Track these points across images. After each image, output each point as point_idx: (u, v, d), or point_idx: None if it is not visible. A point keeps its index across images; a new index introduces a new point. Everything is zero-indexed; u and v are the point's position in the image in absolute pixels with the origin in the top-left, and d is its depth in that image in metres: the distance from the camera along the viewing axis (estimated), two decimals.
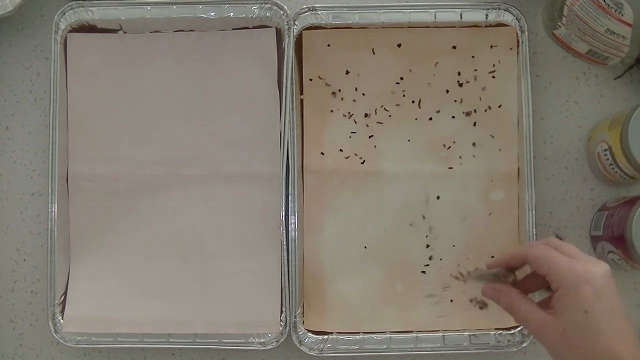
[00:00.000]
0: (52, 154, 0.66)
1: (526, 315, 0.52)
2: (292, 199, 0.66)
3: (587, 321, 0.48)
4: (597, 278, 0.49)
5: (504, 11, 0.67)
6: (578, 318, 0.48)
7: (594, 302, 0.48)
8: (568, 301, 0.49)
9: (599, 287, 0.48)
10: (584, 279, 0.48)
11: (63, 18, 0.67)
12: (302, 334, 0.65)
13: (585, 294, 0.48)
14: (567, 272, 0.49)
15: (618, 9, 0.58)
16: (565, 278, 0.49)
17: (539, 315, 0.51)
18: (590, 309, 0.48)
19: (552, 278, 0.50)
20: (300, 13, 0.67)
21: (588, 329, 0.48)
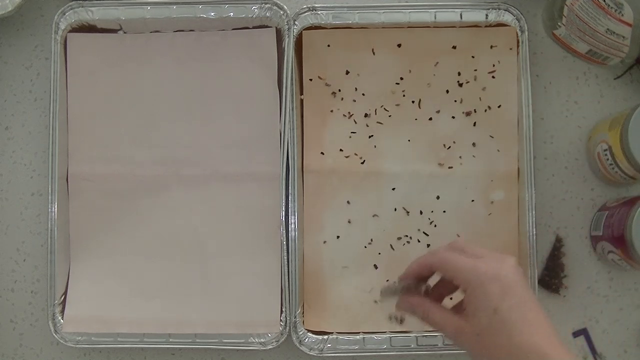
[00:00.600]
0: (52, 154, 0.66)
1: (442, 323, 0.51)
2: (292, 199, 0.66)
3: (498, 320, 0.47)
4: (502, 274, 0.48)
5: (504, 11, 0.67)
6: (488, 318, 0.48)
7: (501, 300, 0.48)
8: (477, 302, 0.48)
9: (505, 283, 0.48)
10: (488, 277, 0.48)
11: (63, 18, 0.67)
12: (302, 334, 0.65)
13: (492, 292, 0.48)
14: (472, 273, 0.49)
15: (618, 9, 0.58)
16: (471, 279, 0.49)
17: (452, 321, 0.50)
18: (499, 307, 0.47)
19: (458, 281, 0.50)
20: (300, 13, 0.67)
21: (500, 327, 0.47)
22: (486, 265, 0.49)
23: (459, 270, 0.50)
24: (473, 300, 0.49)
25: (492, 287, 0.48)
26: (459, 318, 0.50)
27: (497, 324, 0.47)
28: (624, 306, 0.67)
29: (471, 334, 0.49)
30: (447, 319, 0.51)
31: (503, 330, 0.47)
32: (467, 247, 0.52)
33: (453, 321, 0.50)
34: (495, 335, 0.48)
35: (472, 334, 0.49)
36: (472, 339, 0.49)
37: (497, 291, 0.48)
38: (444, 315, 0.51)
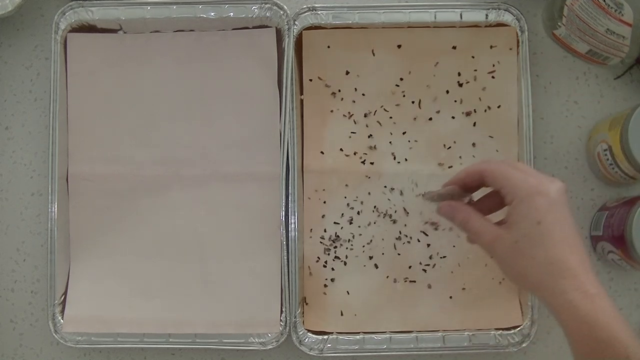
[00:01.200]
0: (52, 154, 0.66)
1: (479, 229, 0.52)
2: (292, 199, 0.66)
3: (540, 231, 0.48)
4: (551, 191, 0.49)
5: (504, 11, 0.67)
6: (531, 228, 0.49)
7: (546, 213, 0.48)
8: (521, 212, 0.49)
9: (552, 199, 0.49)
10: (538, 190, 0.49)
11: (63, 18, 0.67)
12: (302, 334, 0.65)
13: (539, 204, 0.49)
14: (521, 184, 0.50)
15: (618, 9, 0.58)
16: (520, 190, 0.49)
17: (492, 229, 0.51)
18: (543, 220, 0.48)
19: (506, 191, 0.50)
20: (300, 13, 0.67)
21: (540, 238, 0.48)
22: (536, 180, 0.50)
23: (509, 179, 0.50)
24: (518, 209, 0.49)
25: (539, 200, 0.49)
26: (499, 227, 0.51)
27: (538, 235, 0.48)
28: (624, 306, 0.67)
29: (509, 242, 0.50)
30: (487, 226, 0.52)
31: (542, 242, 0.48)
32: (519, 164, 0.53)
33: (493, 229, 0.51)
34: (534, 245, 0.49)
35: (511, 241, 0.50)
36: (508, 246, 0.50)
37: (544, 205, 0.49)
38: (484, 223, 0.52)
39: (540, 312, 0.65)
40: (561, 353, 0.67)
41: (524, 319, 0.65)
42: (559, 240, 0.48)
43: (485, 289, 0.67)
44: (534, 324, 0.65)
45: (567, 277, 0.47)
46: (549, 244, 0.48)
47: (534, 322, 0.65)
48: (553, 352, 0.67)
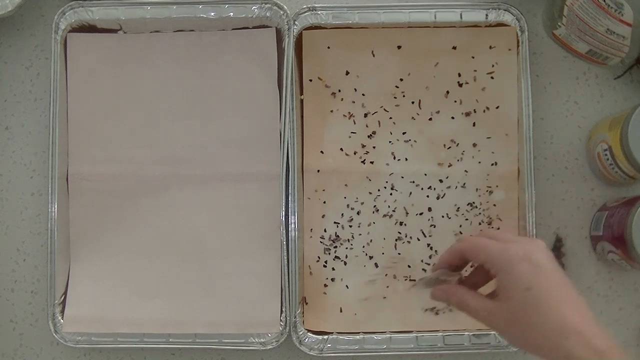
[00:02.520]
0: (52, 154, 0.66)
1: (476, 307, 0.52)
2: (292, 199, 0.66)
3: (532, 297, 0.48)
4: (532, 255, 0.49)
5: (504, 11, 0.67)
6: (521, 296, 0.48)
7: (533, 277, 0.48)
8: (509, 282, 0.49)
9: (536, 263, 0.48)
10: (519, 257, 0.49)
11: (63, 18, 0.67)
12: (302, 334, 0.65)
13: (523, 271, 0.48)
14: (502, 255, 0.49)
15: (618, 9, 0.58)
16: (501, 262, 0.49)
17: (486, 304, 0.51)
18: (532, 285, 0.48)
19: (489, 265, 0.50)
20: (300, 13, 0.67)
21: (533, 304, 0.47)
22: (516, 247, 0.49)
23: (489, 254, 0.50)
24: (505, 282, 0.49)
25: (522, 267, 0.48)
26: (493, 301, 0.50)
27: (530, 301, 0.48)
28: (624, 306, 0.67)
29: (505, 314, 0.49)
30: (481, 302, 0.51)
31: (536, 307, 0.47)
32: (497, 233, 0.52)
33: (487, 304, 0.51)
34: (529, 312, 0.48)
35: (506, 313, 0.49)
36: (505, 319, 0.49)
37: (528, 270, 0.48)
38: (478, 300, 0.52)
39: None
40: None
41: None
42: (555, 301, 0.47)
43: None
44: None
45: (571, 336, 0.46)
46: (544, 308, 0.47)
47: None
48: None
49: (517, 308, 0.48)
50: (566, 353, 0.46)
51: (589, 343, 0.46)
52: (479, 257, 0.51)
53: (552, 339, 0.47)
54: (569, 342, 0.46)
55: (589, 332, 0.46)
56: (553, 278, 0.48)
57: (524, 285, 0.48)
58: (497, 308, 0.50)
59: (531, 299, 0.48)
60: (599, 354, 0.45)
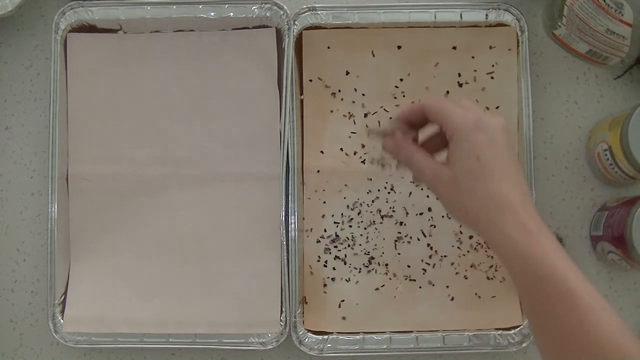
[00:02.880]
0: (52, 154, 0.66)
1: (422, 166, 0.52)
2: (292, 199, 0.66)
3: (479, 166, 0.48)
4: (491, 127, 0.49)
5: (504, 11, 0.67)
6: (470, 164, 0.48)
7: (485, 149, 0.48)
8: (461, 148, 0.49)
9: (492, 136, 0.49)
10: (477, 126, 0.49)
11: (63, 18, 0.67)
12: (302, 334, 0.65)
13: (478, 140, 0.48)
14: (461, 120, 0.49)
15: (618, 9, 0.58)
16: (459, 126, 0.49)
17: (434, 165, 0.51)
18: (482, 155, 0.48)
19: (446, 127, 0.50)
20: (300, 13, 0.67)
21: (479, 173, 0.48)
22: (476, 116, 0.49)
23: (449, 116, 0.50)
24: (457, 148, 0.49)
25: (478, 136, 0.48)
26: (440, 164, 0.51)
27: (477, 170, 0.48)
28: (624, 306, 0.67)
29: (450, 178, 0.50)
30: (429, 162, 0.51)
31: (481, 177, 0.48)
32: (462, 101, 0.52)
33: (434, 165, 0.51)
34: (473, 180, 0.48)
35: (451, 177, 0.49)
36: (449, 183, 0.50)
37: (483, 141, 0.48)
38: (426, 159, 0.52)
39: None
40: None
41: (524, 319, 0.65)
42: (499, 175, 0.48)
43: (485, 289, 0.67)
44: None
45: (507, 212, 0.47)
46: (488, 179, 0.48)
47: None
48: None
49: (463, 175, 0.49)
50: (500, 227, 0.47)
51: (521, 222, 0.47)
52: (438, 116, 0.51)
53: (488, 213, 0.48)
54: (505, 217, 0.47)
55: (524, 212, 0.47)
56: (503, 154, 0.49)
57: (474, 154, 0.48)
58: (444, 172, 0.50)
59: (478, 168, 0.48)
60: (529, 233, 0.46)
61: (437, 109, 0.51)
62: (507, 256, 0.48)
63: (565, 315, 0.45)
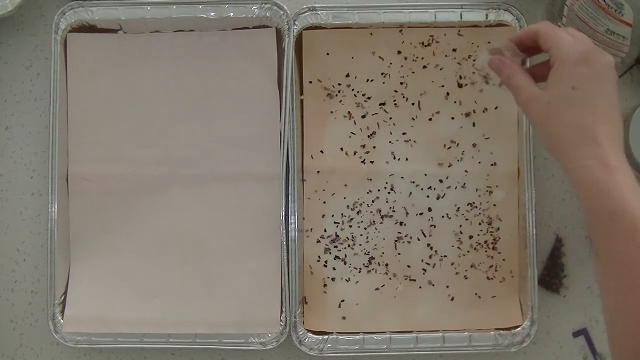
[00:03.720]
0: (52, 154, 0.66)
1: (520, 85, 0.52)
2: (292, 199, 0.66)
3: (573, 95, 0.49)
4: (598, 62, 0.49)
5: (504, 11, 0.67)
6: (565, 91, 0.49)
7: (584, 81, 0.49)
8: (561, 75, 0.50)
9: (594, 70, 0.49)
10: (584, 58, 0.49)
11: (63, 18, 0.67)
12: (302, 334, 0.65)
13: (580, 71, 0.49)
14: (569, 48, 0.50)
15: (618, 9, 0.58)
16: (566, 54, 0.50)
17: (532, 87, 0.52)
18: (580, 86, 0.49)
19: (553, 52, 0.51)
20: (300, 13, 0.67)
21: (572, 102, 0.49)
22: (586, 48, 0.50)
23: (559, 42, 0.50)
24: (559, 73, 0.50)
25: (581, 67, 0.49)
26: (538, 88, 0.51)
27: (571, 99, 0.49)
28: None
29: (543, 103, 0.50)
30: (528, 84, 0.52)
31: (573, 105, 0.49)
32: (578, 33, 0.52)
33: (532, 87, 0.52)
34: (564, 108, 0.49)
35: (544, 101, 0.50)
36: (542, 106, 0.50)
37: (584, 73, 0.49)
38: (526, 81, 0.52)
39: (540, 312, 0.65)
40: (561, 353, 0.67)
41: (524, 319, 0.65)
42: (590, 108, 0.48)
43: (485, 289, 0.67)
44: (534, 324, 0.65)
45: (591, 144, 0.48)
46: (578, 109, 0.48)
47: (534, 322, 0.65)
48: (553, 352, 0.67)
49: (556, 101, 0.49)
50: (580, 156, 0.48)
51: (602, 156, 0.47)
52: (548, 42, 0.51)
53: (574, 141, 0.48)
54: (587, 149, 0.48)
55: (607, 147, 0.47)
56: (602, 89, 0.49)
57: (572, 83, 0.49)
58: (539, 95, 0.51)
59: (571, 97, 0.49)
60: (607, 167, 0.47)
61: (549, 35, 0.51)
62: (581, 186, 0.48)
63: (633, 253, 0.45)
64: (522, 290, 0.66)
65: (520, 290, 0.66)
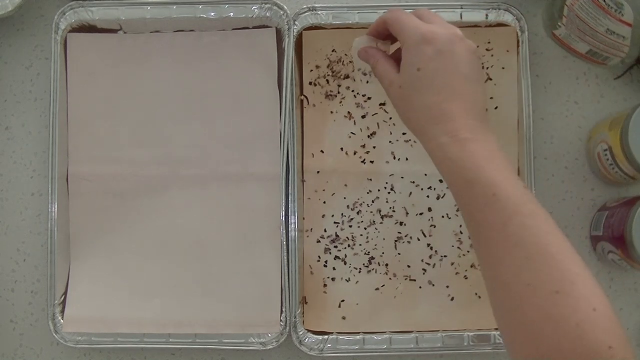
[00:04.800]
0: (52, 154, 0.66)
1: (382, 73, 0.53)
2: (292, 199, 0.66)
3: (418, 77, 0.49)
4: (440, 39, 0.49)
5: (504, 11, 0.67)
6: (411, 74, 0.49)
7: (428, 61, 0.49)
8: (407, 58, 0.50)
9: (439, 48, 0.49)
10: (425, 38, 0.49)
11: (63, 18, 0.67)
12: (302, 334, 0.65)
13: (423, 51, 0.49)
14: (412, 31, 0.50)
15: (618, 9, 0.58)
16: (409, 37, 0.50)
17: (390, 74, 0.52)
18: (424, 67, 0.49)
19: (400, 38, 0.51)
20: (300, 13, 0.67)
21: (418, 84, 0.49)
22: (429, 28, 0.50)
23: (403, 27, 0.51)
24: (405, 57, 0.50)
25: (424, 48, 0.49)
26: (396, 73, 0.52)
27: (417, 81, 0.49)
28: (624, 306, 0.67)
29: (396, 86, 0.51)
30: (388, 70, 0.53)
31: (419, 87, 0.49)
32: (427, 13, 0.52)
33: (391, 74, 0.52)
34: (412, 91, 0.50)
35: (397, 85, 0.51)
36: (396, 91, 0.51)
37: (428, 52, 0.49)
38: (386, 67, 0.53)
39: None
40: None
41: None
42: (437, 87, 0.49)
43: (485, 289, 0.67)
44: None
45: (441, 122, 0.48)
46: (425, 90, 0.49)
47: None
48: None
49: (406, 85, 0.50)
50: (433, 136, 0.48)
51: (453, 131, 0.48)
52: (394, 28, 0.52)
53: (426, 122, 0.49)
54: (438, 127, 0.48)
55: (460, 122, 0.48)
56: (448, 66, 0.49)
57: (417, 65, 0.49)
58: (395, 80, 0.51)
59: (417, 79, 0.49)
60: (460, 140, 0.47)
61: (394, 21, 0.52)
62: (439, 164, 0.49)
63: (490, 218, 0.45)
64: None
65: None
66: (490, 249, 0.45)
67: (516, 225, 0.44)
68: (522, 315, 0.43)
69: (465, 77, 0.49)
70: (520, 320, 0.43)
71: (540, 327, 0.41)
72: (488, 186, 0.46)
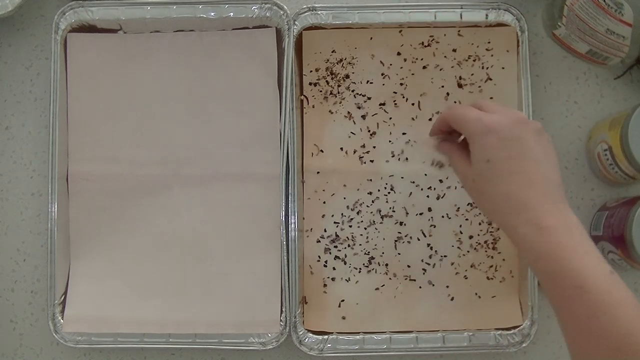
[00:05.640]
0: (52, 154, 0.66)
1: (457, 166, 0.54)
2: (292, 199, 0.66)
3: (488, 168, 0.49)
4: (504, 128, 0.49)
5: (504, 11, 0.67)
6: (481, 166, 0.50)
7: (496, 151, 0.49)
8: (475, 151, 0.50)
9: (503, 136, 0.49)
10: (488, 129, 0.49)
11: (63, 18, 0.67)
12: (302, 334, 0.65)
13: (488, 142, 0.49)
14: (474, 124, 0.50)
15: (618, 9, 0.58)
16: (472, 130, 0.50)
17: (463, 167, 0.53)
18: (492, 157, 0.49)
19: (465, 132, 0.52)
20: (300, 13, 0.67)
21: (490, 176, 0.49)
22: (490, 118, 0.50)
23: (463, 122, 0.51)
24: (473, 150, 0.51)
25: (489, 139, 0.49)
26: (469, 166, 0.52)
27: (487, 172, 0.50)
28: None
29: (470, 180, 0.52)
30: (461, 163, 0.53)
31: (492, 179, 0.49)
32: (485, 103, 0.52)
33: (464, 167, 0.53)
34: (485, 182, 0.50)
35: (470, 179, 0.51)
36: (470, 184, 0.52)
37: (493, 143, 0.49)
38: (460, 160, 0.53)
39: (540, 312, 0.65)
40: (561, 353, 0.67)
41: (524, 319, 0.65)
42: (509, 176, 0.49)
43: (485, 289, 0.67)
44: (534, 324, 0.65)
45: (521, 211, 0.48)
46: (497, 181, 0.49)
47: (534, 322, 0.65)
48: (553, 352, 0.67)
49: (478, 177, 0.50)
50: (513, 226, 0.48)
51: (534, 220, 0.47)
52: (457, 125, 0.52)
53: (501, 214, 0.49)
54: (517, 217, 0.48)
55: (539, 210, 0.47)
56: (517, 153, 0.49)
57: (485, 157, 0.49)
58: (468, 173, 0.52)
59: (487, 171, 0.49)
60: (543, 230, 0.47)
61: (455, 117, 0.52)
62: (523, 252, 0.49)
63: (577, 311, 0.45)
64: (522, 290, 0.66)
65: (520, 290, 0.66)
66: (575, 338, 0.46)
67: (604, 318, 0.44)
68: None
69: (536, 161, 0.49)
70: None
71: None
72: (573, 278, 0.45)
